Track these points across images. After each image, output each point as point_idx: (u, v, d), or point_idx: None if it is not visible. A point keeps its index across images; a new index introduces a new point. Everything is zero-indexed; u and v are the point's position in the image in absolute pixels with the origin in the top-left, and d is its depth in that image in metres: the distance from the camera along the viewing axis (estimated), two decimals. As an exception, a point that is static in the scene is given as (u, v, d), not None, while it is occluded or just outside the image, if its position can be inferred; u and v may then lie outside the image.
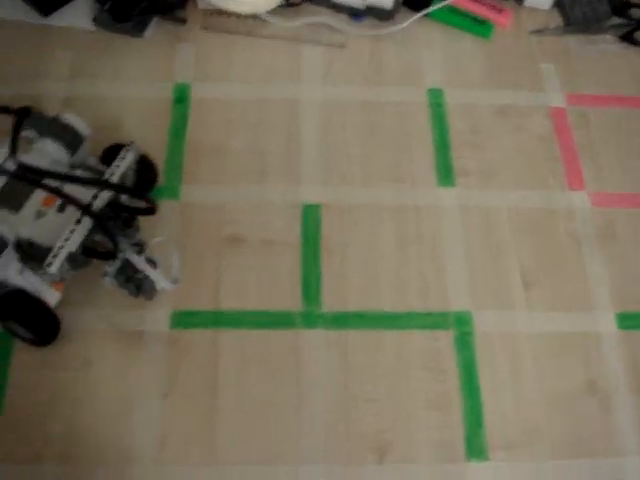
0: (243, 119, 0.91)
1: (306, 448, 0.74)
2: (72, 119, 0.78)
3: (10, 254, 0.72)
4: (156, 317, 0.79)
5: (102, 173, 0.76)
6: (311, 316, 0.80)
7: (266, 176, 0.88)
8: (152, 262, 0.74)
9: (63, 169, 0.76)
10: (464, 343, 0.80)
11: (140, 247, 0.75)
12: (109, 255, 0.72)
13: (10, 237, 0.72)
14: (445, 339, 0.80)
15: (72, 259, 0.72)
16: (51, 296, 0.75)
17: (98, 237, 0.73)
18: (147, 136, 0.88)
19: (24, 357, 0.78)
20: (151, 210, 0.74)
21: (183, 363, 0.77)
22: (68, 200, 0.71)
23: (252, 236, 0.84)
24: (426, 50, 0.99)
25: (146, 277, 0.73)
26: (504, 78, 0.98)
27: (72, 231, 0.71)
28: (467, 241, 0.85)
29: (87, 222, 0.71)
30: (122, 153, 0.77)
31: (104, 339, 0.79)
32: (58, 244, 0.70)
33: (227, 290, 0.81)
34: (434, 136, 0.92)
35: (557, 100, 0.97)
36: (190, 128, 0.91)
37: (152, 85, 0.90)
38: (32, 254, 0.72)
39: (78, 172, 0.76)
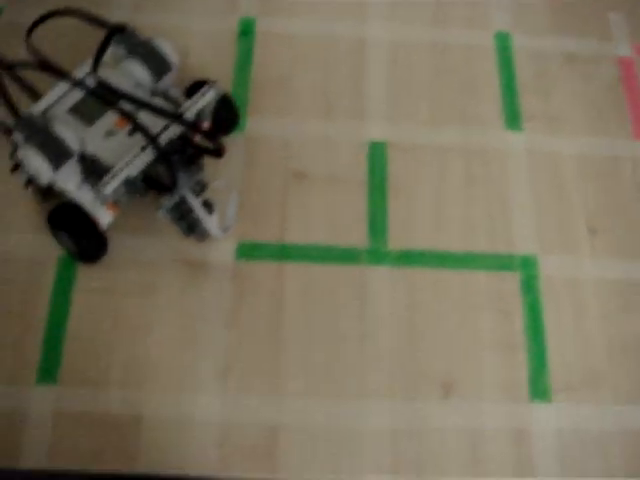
0: (309, 55, 0.90)
1: (371, 383, 0.74)
2: (164, 45, 0.77)
3: (73, 165, 0.72)
4: (221, 248, 0.78)
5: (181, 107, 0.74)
6: (377, 253, 0.79)
7: (332, 112, 0.87)
8: (209, 205, 0.73)
9: (144, 94, 0.75)
10: (529, 286, 0.79)
11: (201, 187, 0.73)
12: (167, 189, 0.71)
13: (76, 149, 0.71)
14: (511, 281, 0.79)
15: (130, 184, 0.72)
16: (103, 216, 0.74)
17: (160, 169, 0.72)
18: (212, 68, 0.87)
19: (88, 282, 0.77)
20: (218, 152, 0.72)
21: (248, 294, 0.76)
22: (137, 127, 0.70)
23: (318, 172, 0.83)
24: (494, -8, 0.97)
25: (199, 219, 0.72)
26: (572, 25, 0.97)
27: (135, 156, 0.70)
28: (533, 185, 0.84)
29: (152, 151, 0.71)
30: (203, 90, 0.76)
31: (169, 268, 0.79)
32: (118, 166, 0.70)
33: (293, 224, 0.80)
34: (501, 80, 0.90)
35: (625, 50, 0.95)
36: (255, 62, 0.90)
37: (217, 18, 0.89)
38: (93, 170, 0.72)
39: (157, 100, 0.75)
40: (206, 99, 0.74)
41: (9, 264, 0.78)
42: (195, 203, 0.71)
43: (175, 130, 0.71)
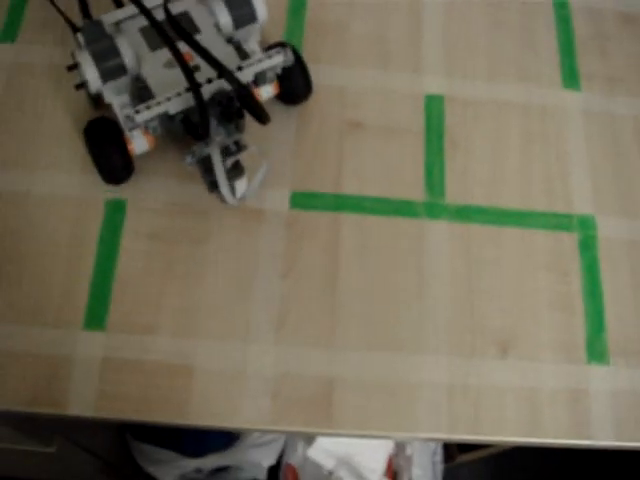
0: (365, 2, 0.87)
1: (428, 337, 0.72)
2: None
3: (123, 83, 0.70)
4: (276, 196, 0.76)
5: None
6: (434, 207, 0.77)
7: (388, 62, 0.84)
8: (238, 169, 0.70)
9: (217, 38, 0.72)
10: (587, 246, 0.77)
11: (237, 148, 0.69)
12: (201, 137, 0.67)
13: (132, 70, 0.69)
14: (568, 241, 0.78)
15: (165, 121, 0.68)
16: (138, 142, 0.72)
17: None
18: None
19: (137, 227, 0.75)
20: (261, 119, 0.67)
21: (303, 244, 0.75)
22: (184, 68, 0.65)
23: (374, 122, 0.81)
24: (551, -51, 0.94)
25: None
26: (630, -15, 0.94)
27: (178, 95, 0.67)
28: (591, 146, 0.83)
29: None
30: (272, 51, 0.71)
31: (221, 216, 0.76)
32: (157, 99, 0.67)
33: (348, 174, 0.78)
34: (558, 38, 0.88)
35: (684, 11, 0.92)
36: (309, 6, 0.86)
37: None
38: (140, 96, 0.70)
39: (227, 48, 0.72)
40: (270, 62, 0.70)
41: (55, 205, 0.75)
42: (218, 162, 0.67)
43: (219, 85, 0.67)
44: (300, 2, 0.87)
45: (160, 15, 0.68)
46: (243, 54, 0.73)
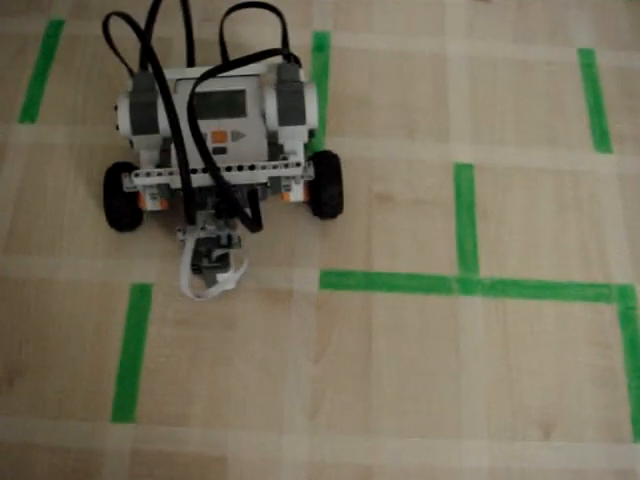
0: (387, 71, 0.86)
1: (467, 421, 0.70)
2: (311, 101, 0.71)
3: (156, 140, 0.71)
4: (304, 276, 0.74)
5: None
6: (468, 282, 0.75)
7: (414, 132, 0.83)
8: (223, 262, 0.67)
9: (261, 127, 0.71)
10: (628, 318, 0.75)
11: (228, 242, 0.66)
12: (189, 220, 0.65)
13: (164, 131, 0.70)
14: (609, 312, 0.75)
15: (164, 191, 0.69)
16: (149, 201, 0.72)
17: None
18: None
19: (163, 313, 0.74)
20: (250, 227, 0.67)
21: (334, 326, 0.73)
22: (199, 148, 0.62)
23: (402, 195, 0.79)
24: (574, 7, 0.93)
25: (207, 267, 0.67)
26: (658, 40, 0.92)
27: (182, 171, 0.63)
28: (627, 209, 0.80)
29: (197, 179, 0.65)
30: (291, 161, 0.69)
31: (249, 298, 0.75)
32: (161, 170, 0.67)
33: (379, 251, 0.76)
34: (587, 99, 0.86)
35: None
36: (332, 78, 0.85)
37: (290, 32, 0.84)
38: (162, 159, 0.71)
39: (260, 140, 0.71)
40: (286, 172, 0.67)
41: (81, 291, 0.74)
42: (187, 250, 0.63)
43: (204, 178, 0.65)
44: (322, 73, 0.85)
45: (215, 85, 0.70)
46: (274, 152, 0.70)
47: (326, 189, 0.71)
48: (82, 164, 0.79)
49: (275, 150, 0.69)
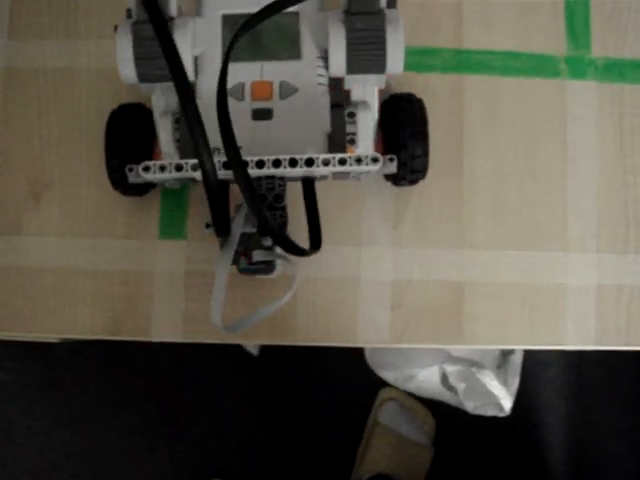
0: None
1: (573, 231, 0.61)
2: None
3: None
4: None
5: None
6: (578, 62, 0.60)
7: None
8: (267, 266, 0.49)
9: (318, 73, 0.49)
10: None
11: (256, 242, 0.48)
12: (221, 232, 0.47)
13: None
14: None
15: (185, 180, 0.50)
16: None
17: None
18: None
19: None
20: (300, 252, 0.46)
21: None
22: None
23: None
24: None
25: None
26: None
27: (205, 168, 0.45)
28: None
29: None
30: (368, 156, 0.46)
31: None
32: (180, 160, 0.46)
33: (471, 23, 0.61)
34: None
35: None
36: None
37: None
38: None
39: (321, 97, 0.49)
40: (360, 168, 0.46)
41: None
42: (220, 278, 0.46)
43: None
44: None
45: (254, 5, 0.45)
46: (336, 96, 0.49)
47: (407, 148, 0.51)
48: None
49: (337, 95, 0.49)
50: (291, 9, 0.46)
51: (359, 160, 0.45)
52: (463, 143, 0.59)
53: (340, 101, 0.48)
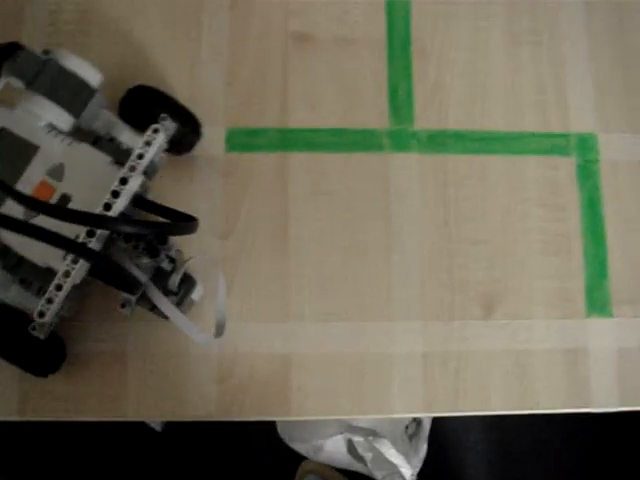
0: None
1: (399, 300, 0.60)
2: (75, 62, 0.53)
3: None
4: (208, 137, 0.61)
5: (120, 149, 0.53)
6: (401, 136, 0.63)
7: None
8: (189, 281, 0.54)
9: (60, 140, 0.52)
10: (587, 173, 0.64)
11: (172, 265, 0.52)
12: (126, 289, 0.51)
13: None
14: (565, 167, 0.64)
15: (74, 290, 0.51)
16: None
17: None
18: None
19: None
20: (188, 228, 0.50)
21: (244, 196, 0.62)
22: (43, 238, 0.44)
23: (324, 33, 0.66)
24: None
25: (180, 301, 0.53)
26: None
27: (65, 275, 0.48)
28: (594, 44, 0.67)
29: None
30: (149, 134, 0.51)
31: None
32: (47, 295, 0.48)
33: (295, 102, 0.64)
34: None
35: None
36: None
37: None
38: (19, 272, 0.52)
39: (82, 146, 0.53)
40: (154, 149, 0.52)
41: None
42: (165, 305, 0.50)
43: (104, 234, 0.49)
44: None
45: None
46: (105, 142, 0.54)
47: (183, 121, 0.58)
48: None
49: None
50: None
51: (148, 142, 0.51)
52: (288, 219, 0.61)
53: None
